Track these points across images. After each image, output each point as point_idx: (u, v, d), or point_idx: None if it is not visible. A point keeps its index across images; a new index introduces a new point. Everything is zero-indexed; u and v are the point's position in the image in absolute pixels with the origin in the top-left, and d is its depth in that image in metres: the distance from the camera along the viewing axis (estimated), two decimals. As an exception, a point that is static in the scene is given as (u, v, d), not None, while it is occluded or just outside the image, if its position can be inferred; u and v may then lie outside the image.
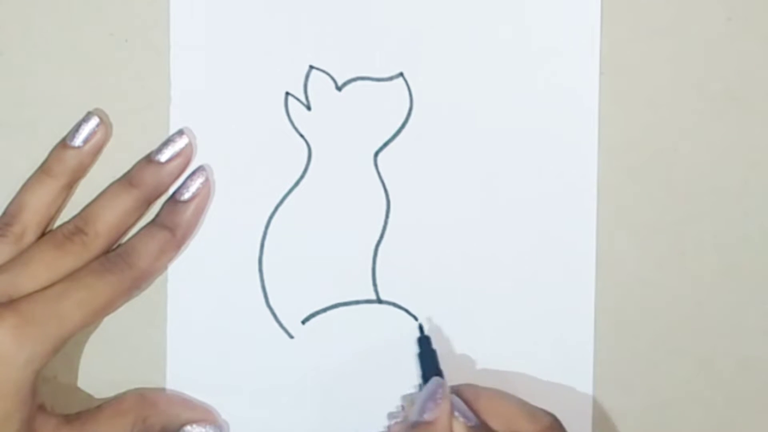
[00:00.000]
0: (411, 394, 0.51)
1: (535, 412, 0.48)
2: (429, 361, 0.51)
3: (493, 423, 0.48)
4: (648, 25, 0.52)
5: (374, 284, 0.52)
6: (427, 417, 0.47)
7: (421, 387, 0.50)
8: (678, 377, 0.52)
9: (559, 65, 0.52)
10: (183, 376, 0.52)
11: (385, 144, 0.52)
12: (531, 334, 0.52)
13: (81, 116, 0.51)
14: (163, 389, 0.52)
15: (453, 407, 0.48)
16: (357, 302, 0.52)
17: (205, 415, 0.51)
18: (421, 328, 0.52)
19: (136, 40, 0.52)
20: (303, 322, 0.52)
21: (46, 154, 0.51)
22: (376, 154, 0.52)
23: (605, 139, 0.52)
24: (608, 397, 0.52)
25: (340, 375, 0.52)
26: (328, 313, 0.52)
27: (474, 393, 0.49)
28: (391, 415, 0.51)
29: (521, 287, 0.52)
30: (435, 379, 0.49)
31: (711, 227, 0.52)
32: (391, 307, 0.52)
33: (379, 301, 0.52)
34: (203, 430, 0.51)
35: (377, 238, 0.52)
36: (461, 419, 0.48)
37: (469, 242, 0.52)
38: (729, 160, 0.52)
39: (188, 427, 0.50)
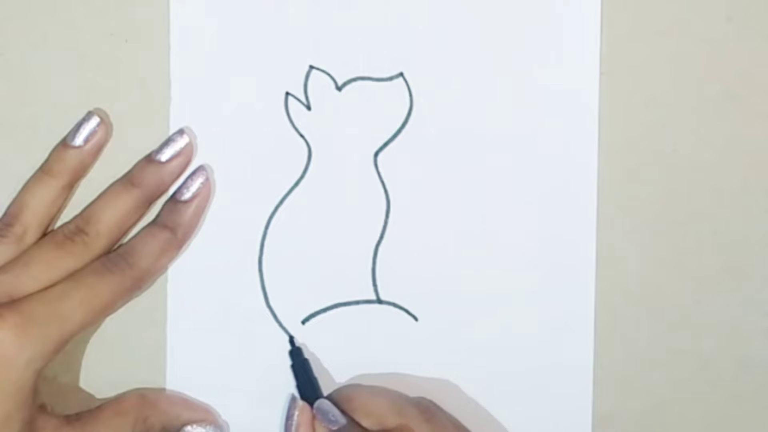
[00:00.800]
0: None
1: (402, 405, 0.49)
2: (303, 372, 0.51)
3: (365, 422, 0.49)
4: (648, 25, 0.52)
5: (374, 284, 0.52)
6: None
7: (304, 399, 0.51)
8: (678, 377, 0.52)
9: (559, 65, 0.52)
10: (183, 376, 0.52)
11: (385, 144, 0.52)
12: (531, 333, 0.52)
13: (81, 116, 0.51)
14: (164, 389, 0.52)
15: (316, 415, 0.49)
16: (357, 302, 0.52)
17: (205, 415, 0.51)
18: (291, 340, 0.52)
19: (136, 40, 0.52)
20: (303, 322, 0.52)
21: (46, 154, 0.51)
22: (376, 154, 0.52)
23: (605, 139, 0.52)
24: (608, 397, 0.52)
25: (340, 375, 0.52)
26: (328, 313, 0.52)
27: (349, 393, 0.50)
28: None
29: (521, 287, 0.52)
30: (290, 397, 0.50)
31: (711, 227, 0.52)
32: (391, 307, 0.52)
33: (379, 301, 0.52)
34: (203, 430, 0.51)
35: (377, 238, 0.52)
36: (325, 423, 0.49)
37: (469, 242, 0.52)
38: (729, 160, 0.52)
39: (189, 428, 0.50)
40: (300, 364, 0.51)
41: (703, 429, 0.52)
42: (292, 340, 0.52)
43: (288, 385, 0.52)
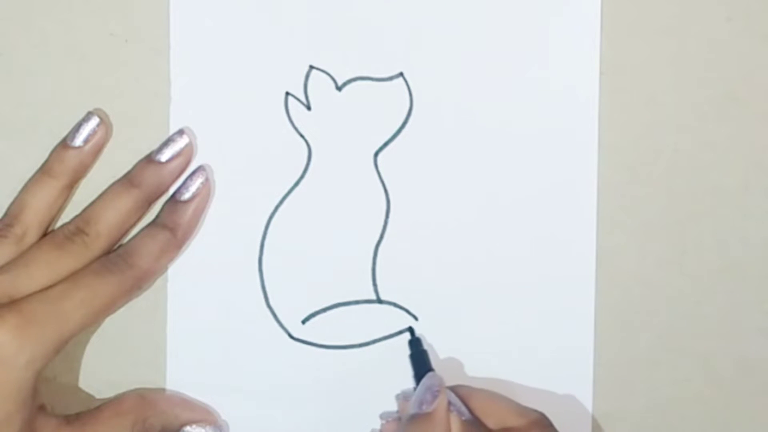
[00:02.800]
0: (404, 392, 0.51)
1: (523, 409, 0.49)
2: (421, 362, 0.51)
3: (485, 420, 0.49)
4: (648, 25, 0.52)
5: (374, 284, 0.52)
6: (426, 408, 0.48)
7: (415, 388, 0.50)
8: (678, 377, 0.52)
9: (559, 65, 0.52)
10: (183, 376, 0.52)
11: (385, 144, 0.52)
12: (531, 333, 0.52)
13: (81, 116, 0.51)
14: (163, 390, 0.52)
15: (451, 406, 0.48)
16: (357, 302, 0.52)
17: (204, 415, 0.51)
18: (411, 330, 0.52)
19: (136, 40, 0.52)
20: (303, 322, 0.52)
21: (46, 155, 0.51)
22: (376, 154, 0.52)
23: (605, 139, 0.52)
24: (608, 397, 0.52)
25: (340, 375, 0.52)
26: (328, 313, 0.52)
27: (467, 392, 0.50)
28: (384, 415, 0.52)
29: (521, 287, 0.52)
30: (432, 374, 0.50)
31: (711, 227, 0.52)
32: (391, 307, 0.52)
33: (379, 301, 0.52)
34: (203, 430, 0.51)
35: (377, 238, 0.52)
36: (455, 413, 0.48)
37: (469, 242, 0.52)
38: (729, 160, 0.52)
39: (188, 428, 0.50)
40: (419, 354, 0.51)
41: (703, 429, 0.52)
42: (412, 330, 0.52)
43: (288, 384, 0.52)
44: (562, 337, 0.52)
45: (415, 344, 0.52)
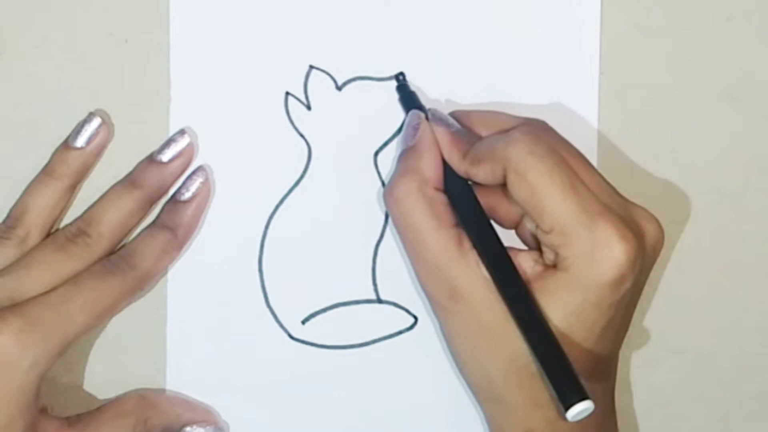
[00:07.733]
0: None
1: (522, 118, 0.49)
2: (410, 102, 0.51)
3: (484, 132, 0.49)
4: (648, 25, 0.52)
5: (374, 284, 0.52)
6: (409, 143, 0.49)
7: None
8: (678, 377, 0.53)
9: (559, 65, 0.52)
10: (183, 377, 0.52)
11: (385, 144, 0.52)
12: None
13: (81, 116, 0.51)
14: (164, 390, 0.52)
15: (436, 122, 0.49)
16: (357, 302, 0.52)
17: (205, 416, 0.51)
18: (397, 77, 0.52)
19: (136, 40, 0.52)
20: (303, 322, 0.52)
21: (46, 155, 0.51)
22: (376, 154, 0.52)
23: (605, 139, 0.52)
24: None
25: (340, 375, 0.52)
26: (328, 313, 0.52)
27: (464, 113, 0.50)
28: None
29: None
30: (413, 111, 0.50)
31: (711, 227, 0.53)
32: (391, 307, 0.52)
33: (379, 301, 0.52)
34: (204, 430, 0.51)
35: (377, 238, 0.52)
36: (443, 127, 0.49)
37: (469, 242, 0.52)
38: (729, 160, 0.53)
39: (189, 428, 0.51)
40: (408, 96, 0.51)
41: (703, 429, 0.53)
42: (397, 77, 0.52)
43: (288, 384, 0.52)
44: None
45: (403, 89, 0.52)
